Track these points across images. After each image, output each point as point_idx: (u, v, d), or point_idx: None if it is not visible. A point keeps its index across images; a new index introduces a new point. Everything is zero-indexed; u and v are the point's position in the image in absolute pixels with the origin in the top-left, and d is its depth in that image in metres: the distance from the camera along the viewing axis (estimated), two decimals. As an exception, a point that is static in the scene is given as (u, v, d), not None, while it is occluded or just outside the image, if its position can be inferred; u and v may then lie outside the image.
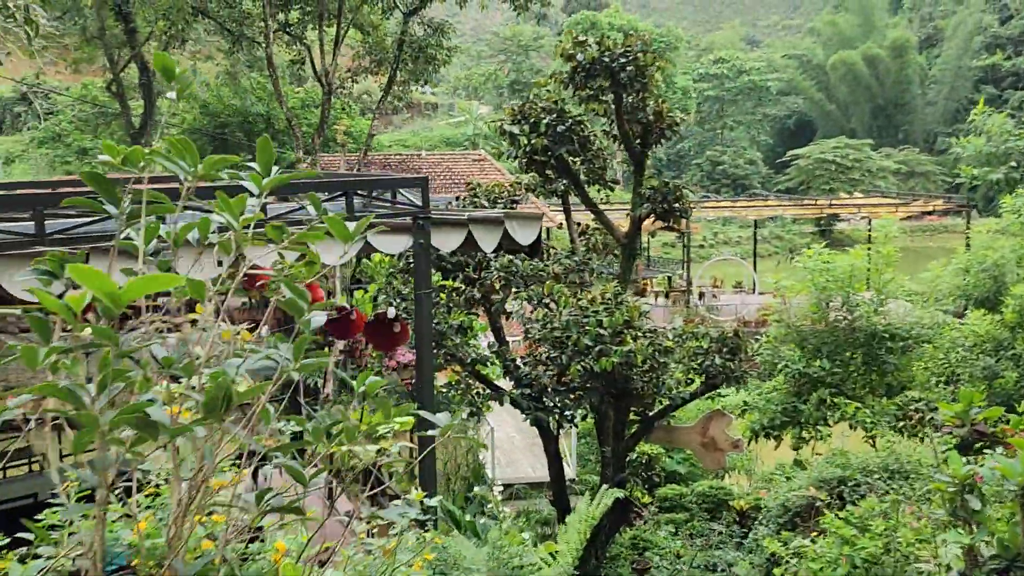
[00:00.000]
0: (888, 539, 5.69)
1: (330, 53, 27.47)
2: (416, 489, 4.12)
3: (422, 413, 2.96)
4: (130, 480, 2.42)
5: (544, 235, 33.85)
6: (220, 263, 5.86)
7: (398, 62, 26.66)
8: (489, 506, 13.37)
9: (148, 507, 3.60)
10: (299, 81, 47.51)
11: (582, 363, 9.92)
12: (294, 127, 26.67)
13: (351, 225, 2.73)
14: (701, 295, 32.51)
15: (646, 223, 32.56)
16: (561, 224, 19.05)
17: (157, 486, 3.59)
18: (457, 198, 9.82)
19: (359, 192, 8.67)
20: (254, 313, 24.62)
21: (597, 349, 9.78)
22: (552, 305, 11.01)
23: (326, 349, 20.42)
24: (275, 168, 2.65)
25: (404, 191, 8.19)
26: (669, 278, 35.56)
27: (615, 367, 9.93)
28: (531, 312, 10.62)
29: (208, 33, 34.77)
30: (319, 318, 2.67)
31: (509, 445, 18.35)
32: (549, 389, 10.69)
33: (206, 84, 45.53)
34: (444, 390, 14.82)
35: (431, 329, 7.91)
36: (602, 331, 9.87)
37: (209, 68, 47.01)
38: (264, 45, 26.56)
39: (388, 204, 8.28)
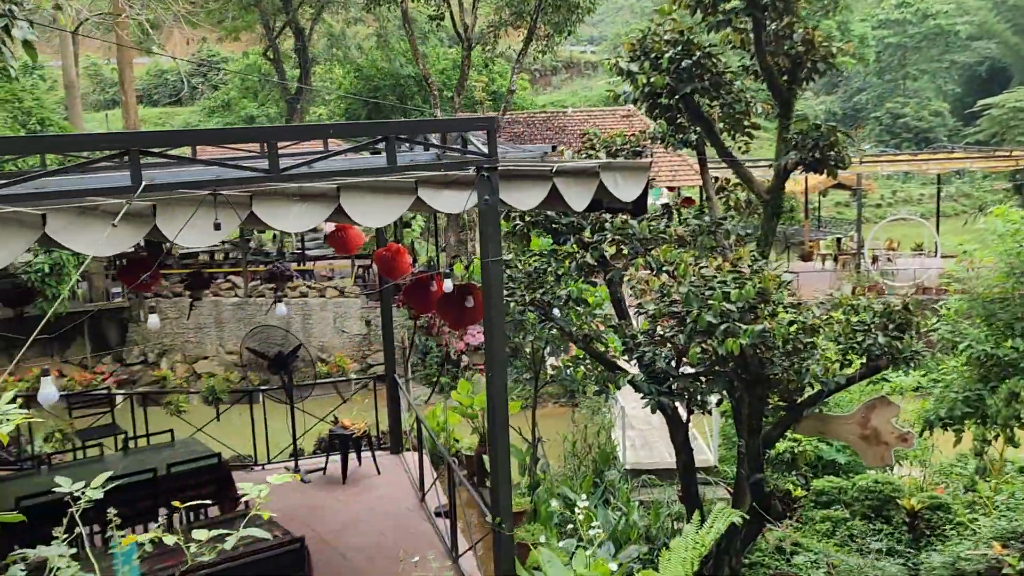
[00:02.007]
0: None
1: (469, 7, 26.23)
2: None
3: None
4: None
5: (699, 196, 31.63)
6: (218, 226, 4.47)
7: (538, 13, 25.06)
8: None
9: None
10: (455, 43, 46.68)
11: (704, 344, 8.22)
12: (431, 84, 25.62)
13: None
14: (874, 259, 29.48)
15: (814, 181, 29.76)
16: (728, 180, 16.93)
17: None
18: (554, 147, 8.29)
19: (417, 141, 7.30)
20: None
21: (723, 328, 8.04)
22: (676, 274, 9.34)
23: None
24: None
25: (476, 138, 6.75)
26: (839, 240, 32.51)
27: (745, 349, 8.17)
28: (645, 283, 8.97)
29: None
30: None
31: (646, 425, 16.73)
32: (667, 372, 9.05)
33: (359, 47, 45.45)
34: (569, 364, 13.45)
35: (503, 303, 6.48)
36: (729, 306, 8.12)
37: (360, 32, 46.90)
38: (400, 1, 25.59)
39: (459, 153, 6.86)
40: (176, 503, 8.39)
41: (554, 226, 10.56)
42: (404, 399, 11.22)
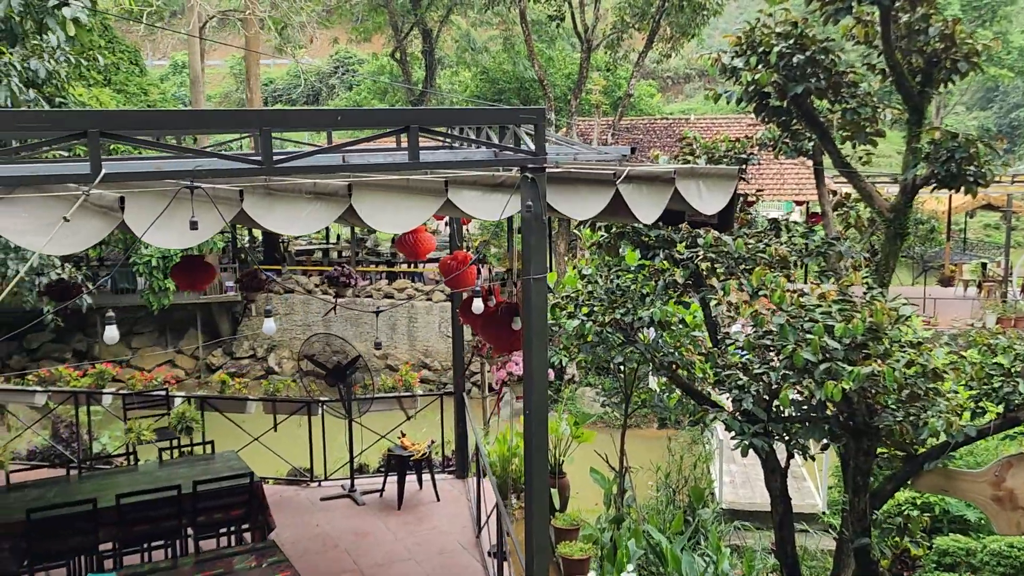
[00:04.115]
0: None
1: (591, 7, 25.26)
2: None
3: None
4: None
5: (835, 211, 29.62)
6: (195, 224, 3.68)
7: (661, 13, 23.83)
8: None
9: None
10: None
11: (800, 386, 6.99)
12: (546, 86, 24.74)
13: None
14: (1024, 288, 26.85)
15: (960, 201, 27.33)
16: (848, 195, 15.31)
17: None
18: (633, 150, 7.22)
19: (471, 139, 6.38)
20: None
21: (823, 367, 6.80)
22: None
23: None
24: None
25: (527, 134, 5.78)
26: (984, 265, 29.84)
27: (849, 394, 6.91)
28: (735, 309, 7.79)
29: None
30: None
31: (750, 459, 15.28)
32: (755, 415, 7.84)
33: (485, 50, 45.12)
34: (664, 388, 12.35)
35: (545, 322, 5.49)
36: (832, 342, 6.87)
37: (487, 34, 46.56)
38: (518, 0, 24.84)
39: (510, 151, 5.90)
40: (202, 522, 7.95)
41: (643, 239, 9.48)
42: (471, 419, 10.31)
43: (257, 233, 29.83)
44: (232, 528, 7.82)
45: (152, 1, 27.57)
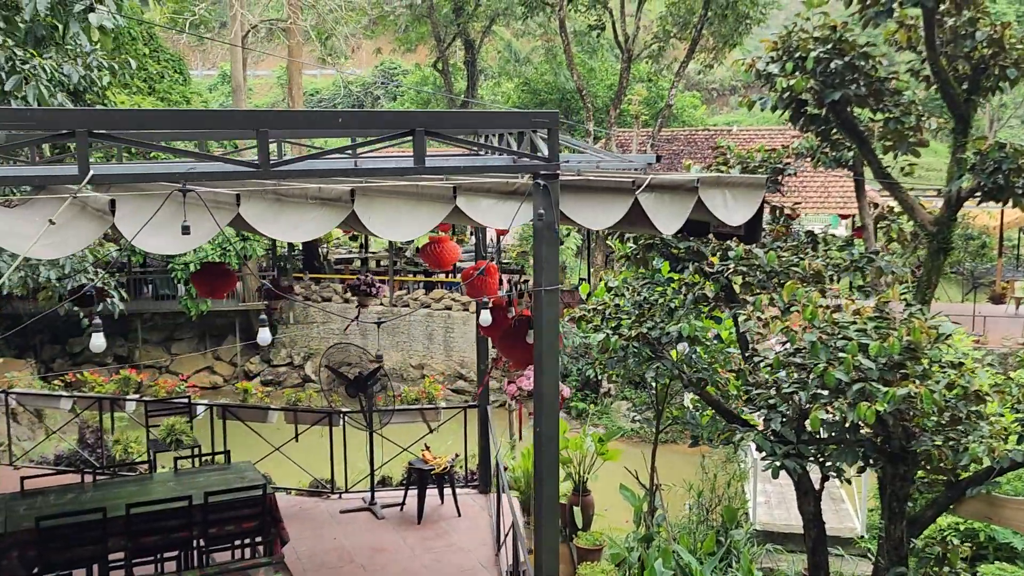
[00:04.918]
0: None
1: (632, 17, 24.98)
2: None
3: None
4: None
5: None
6: (187, 229, 3.55)
7: (703, 22, 23.46)
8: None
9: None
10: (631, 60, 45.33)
11: (831, 407, 6.65)
12: (584, 97, 24.47)
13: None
14: (1079, 306, 25.98)
15: (1014, 216, 26.54)
16: (891, 208, 14.84)
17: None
18: (658, 158, 6.94)
19: (489, 146, 6.15)
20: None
21: (856, 388, 6.46)
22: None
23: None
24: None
25: (542, 140, 5.53)
26: (1036, 282, 28.95)
27: (884, 416, 6.55)
28: (764, 324, 7.45)
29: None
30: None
31: (785, 479, 14.81)
32: (784, 437, 7.49)
33: (527, 60, 45.02)
34: (698, 404, 12.03)
35: (556, 337, 5.24)
36: (867, 361, 6.52)
37: (529, 45, 46.46)
38: (557, 8, 24.62)
39: (527, 158, 5.67)
40: (213, 533, 7.79)
41: (673, 251, 9.18)
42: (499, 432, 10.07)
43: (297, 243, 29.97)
44: (245, 540, 7.66)
45: (195, 10, 27.85)
